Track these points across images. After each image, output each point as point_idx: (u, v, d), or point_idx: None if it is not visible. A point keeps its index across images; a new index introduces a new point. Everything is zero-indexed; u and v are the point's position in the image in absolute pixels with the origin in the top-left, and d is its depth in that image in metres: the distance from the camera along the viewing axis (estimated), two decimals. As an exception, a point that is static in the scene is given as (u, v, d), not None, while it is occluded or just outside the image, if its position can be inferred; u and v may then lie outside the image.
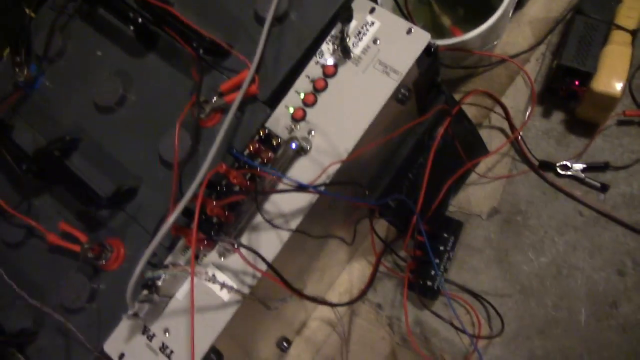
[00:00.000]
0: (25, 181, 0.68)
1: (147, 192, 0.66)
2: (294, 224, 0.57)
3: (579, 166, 0.83)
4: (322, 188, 0.56)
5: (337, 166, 0.57)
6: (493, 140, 0.88)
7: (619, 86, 0.75)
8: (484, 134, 0.87)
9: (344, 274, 0.88)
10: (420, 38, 0.59)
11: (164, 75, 0.69)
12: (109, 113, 0.69)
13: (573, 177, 0.83)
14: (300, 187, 0.54)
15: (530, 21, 0.90)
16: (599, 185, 0.82)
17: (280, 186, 0.57)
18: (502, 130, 0.88)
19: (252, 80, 0.62)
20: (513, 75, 0.88)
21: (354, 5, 0.62)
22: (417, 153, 0.73)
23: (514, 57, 0.87)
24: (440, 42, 0.75)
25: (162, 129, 0.66)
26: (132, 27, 0.65)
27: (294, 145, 0.57)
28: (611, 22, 0.78)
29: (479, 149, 0.84)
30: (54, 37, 0.73)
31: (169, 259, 0.60)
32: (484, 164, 0.87)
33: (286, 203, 0.58)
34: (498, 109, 0.87)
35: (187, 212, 0.55)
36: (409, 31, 0.60)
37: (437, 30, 0.89)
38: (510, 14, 0.81)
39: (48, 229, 0.66)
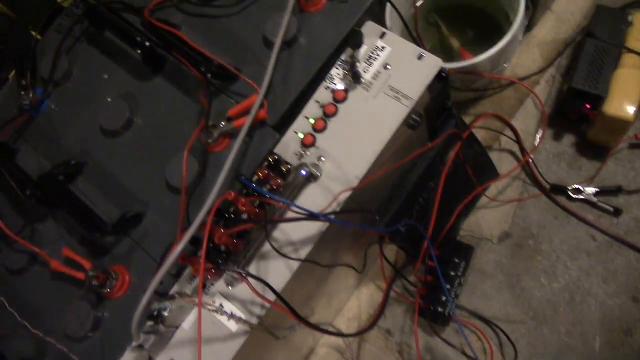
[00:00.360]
0: (28, 206, 0.67)
1: (153, 217, 0.64)
2: (304, 252, 0.56)
3: (591, 190, 0.82)
4: (332, 216, 0.55)
5: (347, 193, 0.56)
6: (503, 163, 0.87)
7: (631, 110, 0.74)
8: (494, 156, 0.85)
9: (352, 298, 0.86)
10: (432, 64, 0.58)
11: (171, 98, 0.68)
12: (115, 137, 0.68)
13: (585, 201, 0.82)
14: (311, 216, 0.53)
15: (539, 43, 0.89)
16: (611, 209, 0.81)
17: (290, 214, 0.56)
18: (512, 153, 0.87)
19: (261, 105, 0.61)
20: (522, 98, 0.87)
21: (363, 30, 0.61)
22: (427, 177, 0.72)
23: (524, 79, 0.87)
24: (451, 65, 0.74)
25: (169, 153, 0.64)
26: (139, 51, 0.65)
27: (304, 172, 0.56)
28: (622, 45, 0.78)
29: (489, 172, 0.83)
30: (60, 60, 0.72)
31: (175, 288, 0.58)
32: (494, 187, 0.85)
33: (295, 231, 0.57)
34: (508, 132, 0.86)
35: (195, 241, 0.53)
36: (420, 57, 0.59)
37: (445, 52, 0.88)
38: (520, 37, 0.80)
39: (51, 255, 0.65)
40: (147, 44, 0.64)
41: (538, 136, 0.85)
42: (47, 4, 0.76)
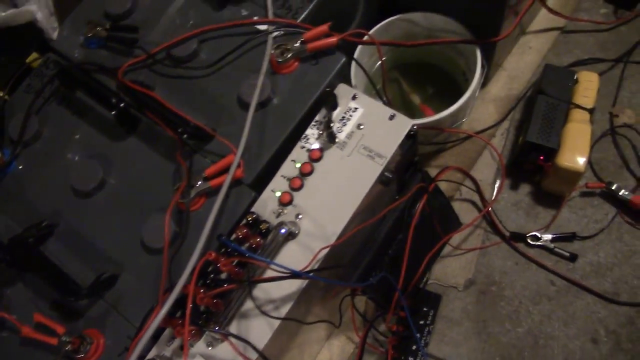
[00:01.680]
0: (-4, 270, 0.65)
1: (128, 279, 0.64)
2: (284, 310, 0.57)
3: (547, 236, 0.86)
4: (312, 274, 0.56)
5: (326, 251, 0.58)
6: (465, 212, 0.90)
7: (581, 161, 0.79)
8: (455, 206, 0.89)
9: (323, 350, 0.86)
10: (403, 124, 0.62)
11: (145, 158, 0.68)
12: (88, 197, 0.67)
13: (543, 247, 0.86)
14: (294, 275, 0.54)
15: (494, 99, 0.95)
16: (568, 254, 0.85)
17: (270, 272, 0.57)
18: (472, 203, 0.91)
19: (238, 165, 0.62)
20: (480, 150, 0.92)
21: (336, 92, 0.64)
22: (396, 229, 0.74)
23: (480, 132, 0.91)
24: (416, 122, 0.78)
25: (143, 213, 0.65)
26: (113, 112, 0.65)
27: (283, 231, 0.57)
28: (570, 102, 0.83)
29: (453, 223, 0.86)
30: (30, 121, 0.71)
31: (153, 351, 0.58)
32: (457, 236, 0.89)
33: (275, 289, 0.57)
34: (468, 182, 0.90)
35: (176, 303, 0.53)
36: (391, 117, 0.62)
37: (406, 107, 0.92)
38: (477, 94, 0.85)
39: (21, 320, 0.63)
40: (122, 105, 0.65)
41: (497, 186, 0.89)
42: (14, 63, 0.76)
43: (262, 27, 0.71)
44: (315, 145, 0.62)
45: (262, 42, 0.69)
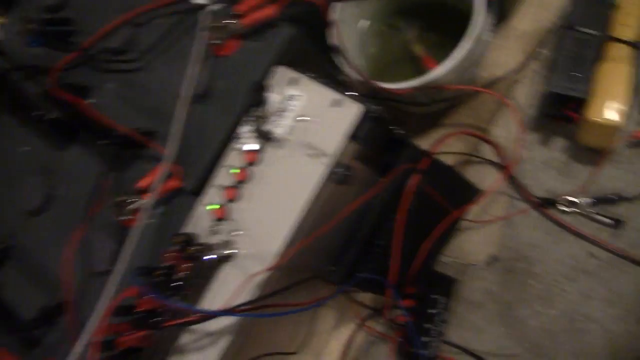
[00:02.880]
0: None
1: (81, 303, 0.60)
2: (224, 344, 0.50)
3: (586, 200, 0.72)
4: (244, 307, 0.48)
5: (260, 277, 0.49)
6: (486, 176, 0.77)
7: (617, 112, 0.63)
8: (474, 170, 0.76)
9: (332, 340, 0.80)
10: (350, 110, 0.50)
11: (89, 169, 0.62)
12: (36, 215, 0.63)
13: (581, 214, 0.72)
14: (209, 316, 0.47)
15: (521, 35, 0.78)
16: (611, 221, 0.70)
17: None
18: (495, 164, 0.77)
19: (171, 174, 0.55)
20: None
21: (275, 77, 0.53)
22: (387, 216, 0.64)
23: (496, 81, 0.75)
24: (399, 86, 0.66)
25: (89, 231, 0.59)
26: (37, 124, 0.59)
27: (206, 258, 0.49)
28: (605, 35, 0.66)
29: (466, 193, 0.74)
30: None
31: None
32: (477, 207, 0.76)
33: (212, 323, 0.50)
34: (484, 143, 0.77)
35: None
36: (336, 103, 0.51)
37: (412, 61, 0.78)
38: (489, 37, 0.70)
39: (-11, 348, 0.62)
40: (47, 117, 0.58)
41: (517, 147, 0.75)
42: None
43: (202, 1, 0.61)
44: (251, 146, 0.53)
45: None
